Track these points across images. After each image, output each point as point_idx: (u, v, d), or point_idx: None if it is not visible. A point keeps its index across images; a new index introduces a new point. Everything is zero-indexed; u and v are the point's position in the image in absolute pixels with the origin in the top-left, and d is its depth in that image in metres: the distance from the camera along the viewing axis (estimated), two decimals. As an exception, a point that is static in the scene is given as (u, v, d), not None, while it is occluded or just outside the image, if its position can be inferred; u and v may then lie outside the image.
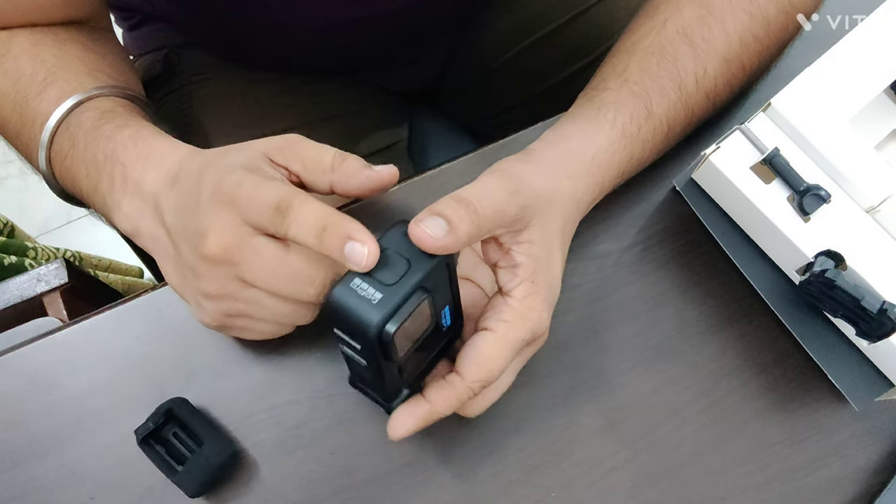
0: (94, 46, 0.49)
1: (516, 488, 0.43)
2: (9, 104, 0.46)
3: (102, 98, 0.45)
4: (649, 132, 0.45)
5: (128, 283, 1.00)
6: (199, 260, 0.37)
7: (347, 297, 0.34)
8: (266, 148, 0.39)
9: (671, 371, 0.45)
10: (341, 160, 0.39)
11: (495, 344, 0.38)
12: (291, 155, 0.39)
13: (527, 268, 0.38)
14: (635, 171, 0.46)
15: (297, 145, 0.39)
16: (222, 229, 0.36)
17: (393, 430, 0.38)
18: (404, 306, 0.34)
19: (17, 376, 0.44)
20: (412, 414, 0.38)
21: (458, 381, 0.38)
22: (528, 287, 0.38)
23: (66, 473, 0.42)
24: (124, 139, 0.42)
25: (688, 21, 0.45)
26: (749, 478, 0.43)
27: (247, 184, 0.36)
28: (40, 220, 1.47)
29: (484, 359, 0.37)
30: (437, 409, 0.38)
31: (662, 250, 0.48)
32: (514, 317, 0.38)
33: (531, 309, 0.38)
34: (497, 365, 0.38)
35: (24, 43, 0.47)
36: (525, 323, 0.38)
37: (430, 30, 0.68)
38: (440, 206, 0.35)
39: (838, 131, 0.43)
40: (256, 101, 0.67)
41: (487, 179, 0.38)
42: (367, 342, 0.34)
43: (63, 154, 0.44)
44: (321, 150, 0.39)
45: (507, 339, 0.38)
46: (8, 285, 0.68)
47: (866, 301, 0.40)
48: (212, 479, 0.41)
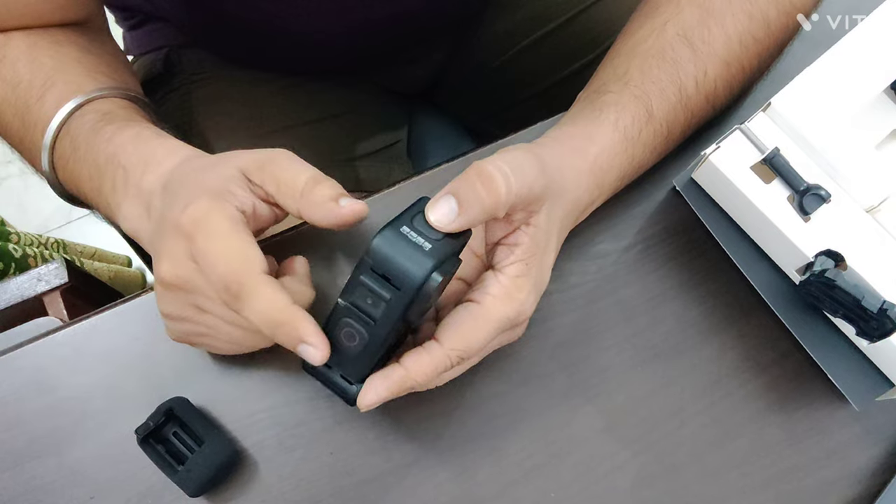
0: (91, 48, 0.49)
1: (516, 488, 0.43)
2: (9, 110, 0.46)
3: (102, 100, 0.45)
4: (650, 135, 0.45)
5: (114, 270, 0.99)
6: (157, 281, 0.37)
7: (396, 240, 0.34)
8: (244, 165, 0.38)
9: (671, 371, 0.45)
10: (312, 186, 0.37)
11: (479, 315, 0.37)
12: (268, 175, 0.37)
13: (526, 249, 0.38)
14: (635, 174, 0.46)
15: (275, 165, 0.38)
16: (176, 259, 0.36)
17: (363, 397, 0.37)
18: (447, 262, 0.34)
19: (17, 376, 0.44)
20: (386, 377, 0.36)
21: (436, 348, 0.37)
22: (521, 267, 0.38)
23: (66, 473, 0.42)
24: (124, 142, 0.42)
25: (688, 23, 0.45)
26: (749, 478, 0.43)
27: (202, 230, 0.34)
28: (40, 220, 1.47)
29: (467, 329, 0.37)
30: (411, 376, 0.36)
31: (662, 250, 0.48)
32: (501, 293, 0.37)
33: (519, 289, 0.38)
34: (478, 338, 0.37)
35: (21, 47, 0.47)
36: (511, 302, 0.38)
37: (431, 30, 0.68)
38: (472, 182, 0.35)
39: (838, 131, 0.43)
40: (256, 100, 0.67)
41: (517, 154, 0.37)
42: (409, 285, 0.34)
43: (66, 158, 0.44)
44: (297, 172, 0.37)
45: (492, 314, 0.37)
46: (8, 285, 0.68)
47: (866, 301, 0.40)
48: (212, 478, 0.41)
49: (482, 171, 0.35)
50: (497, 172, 0.35)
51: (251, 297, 0.34)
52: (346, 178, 0.67)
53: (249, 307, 0.34)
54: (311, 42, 0.62)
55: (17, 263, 0.80)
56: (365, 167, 0.69)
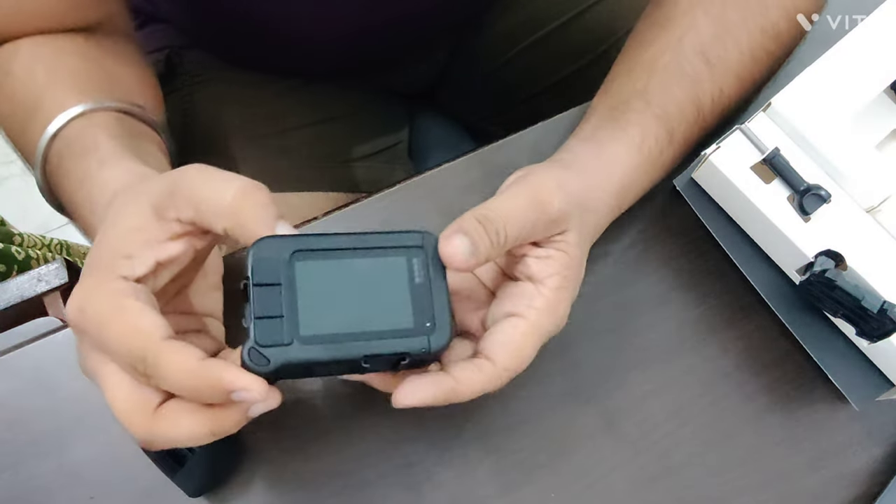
0: (95, 54, 0.48)
1: (516, 488, 0.43)
2: (14, 127, 0.46)
3: (76, 120, 0.43)
4: (669, 157, 0.45)
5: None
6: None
7: None
8: (155, 200, 0.33)
9: (671, 371, 0.45)
10: (242, 196, 0.31)
11: (527, 331, 0.36)
12: (181, 201, 0.32)
13: (560, 261, 0.37)
14: (647, 191, 0.46)
15: (186, 185, 0.32)
16: (86, 356, 0.33)
17: (403, 396, 0.34)
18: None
19: (17, 376, 0.44)
20: (435, 384, 0.34)
21: (489, 366, 0.35)
22: (560, 280, 0.37)
23: (65, 473, 0.42)
24: (76, 181, 0.40)
25: (704, 39, 0.45)
26: (749, 478, 0.43)
27: (89, 320, 0.31)
28: (41, 220, 1.47)
29: (517, 346, 0.35)
30: (461, 391, 0.34)
31: (663, 250, 0.48)
32: (545, 305, 0.36)
33: (560, 301, 0.37)
34: (528, 353, 0.36)
35: (25, 60, 0.46)
36: (554, 315, 0.37)
37: (432, 32, 0.68)
38: (468, 224, 0.34)
39: (838, 131, 0.43)
40: (258, 102, 0.67)
41: (516, 197, 0.36)
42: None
43: (55, 184, 0.44)
44: (220, 185, 0.32)
45: (539, 328, 0.36)
46: (8, 285, 0.68)
47: (866, 301, 0.40)
48: (212, 479, 0.41)
49: (482, 216, 0.34)
50: (496, 218, 0.34)
51: (159, 370, 0.30)
52: (346, 179, 0.68)
53: (164, 380, 0.31)
54: (311, 44, 0.62)
55: (19, 266, 0.79)
56: (366, 168, 0.70)
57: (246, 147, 0.64)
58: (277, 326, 0.31)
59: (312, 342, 0.32)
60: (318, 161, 0.66)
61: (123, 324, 0.30)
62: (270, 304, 0.31)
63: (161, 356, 0.30)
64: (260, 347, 0.31)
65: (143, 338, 0.30)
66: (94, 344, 0.32)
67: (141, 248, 0.32)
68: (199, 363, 0.30)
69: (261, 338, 0.31)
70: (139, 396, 0.31)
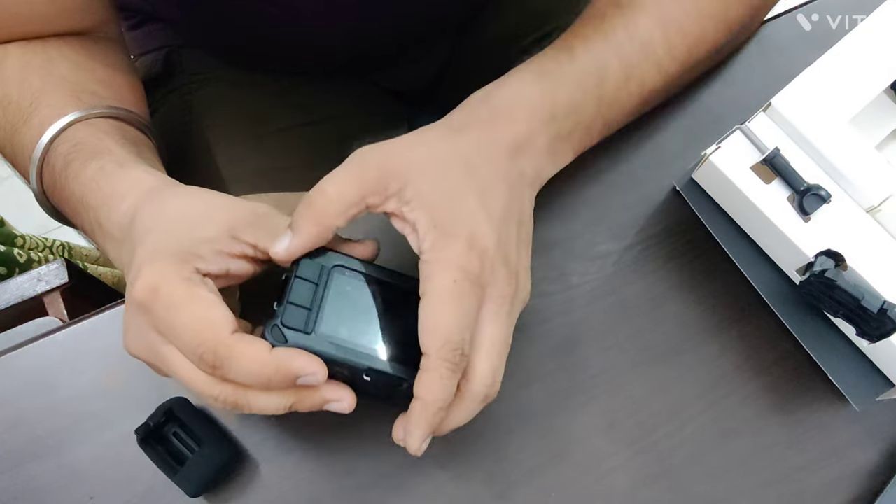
0: (86, 62, 0.48)
1: (516, 489, 0.43)
2: (6, 128, 0.45)
3: (79, 123, 0.43)
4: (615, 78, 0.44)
5: (118, 275, 0.99)
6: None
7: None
8: (233, 222, 0.36)
9: (671, 371, 0.45)
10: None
11: (428, 302, 0.34)
12: (262, 232, 0.36)
13: (423, 221, 0.36)
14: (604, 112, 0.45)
15: (272, 226, 0.36)
16: (139, 334, 0.35)
17: (409, 444, 0.35)
18: None
19: (18, 376, 0.44)
20: (406, 414, 0.35)
21: (425, 360, 0.34)
22: (433, 235, 0.35)
23: (66, 473, 0.43)
24: (88, 180, 0.40)
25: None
26: (749, 478, 0.43)
27: (159, 301, 0.33)
28: (41, 220, 1.46)
29: (430, 323, 0.34)
30: (426, 398, 0.34)
31: (663, 250, 0.48)
32: (430, 268, 0.35)
33: (445, 247, 0.35)
34: (447, 322, 0.34)
35: (15, 65, 0.46)
36: (445, 263, 0.35)
37: (431, 31, 0.68)
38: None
39: (838, 131, 0.43)
40: (257, 101, 0.67)
41: (348, 167, 0.38)
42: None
43: (51, 188, 0.44)
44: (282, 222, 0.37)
45: (438, 293, 0.34)
46: (8, 285, 0.68)
47: (866, 301, 0.40)
48: (212, 479, 0.41)
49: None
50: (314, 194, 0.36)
51: (231, 362, 0.32)
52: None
53: (234, 372, 0.33)
54: (310, 43, 0.62)
55: (21, 268, 0.79)
56: None
57: (245, 146, 0.64)
58: (303, 315, 0.35)
59: (327, 340, 0.35)
60: (317, 161, 0.66)
61: (196, 312, 0.33)
62: (304, 296, 0.36)
63: (235, 348, 0.32)
64: (283, 327, 0.35)
65: (216, 330, 0.33)
66: (155, 324, 0.34)
67: (213, 256, 0.35)
68: (270, 353, 0.33)
69: (287, 320, 0.35)
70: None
